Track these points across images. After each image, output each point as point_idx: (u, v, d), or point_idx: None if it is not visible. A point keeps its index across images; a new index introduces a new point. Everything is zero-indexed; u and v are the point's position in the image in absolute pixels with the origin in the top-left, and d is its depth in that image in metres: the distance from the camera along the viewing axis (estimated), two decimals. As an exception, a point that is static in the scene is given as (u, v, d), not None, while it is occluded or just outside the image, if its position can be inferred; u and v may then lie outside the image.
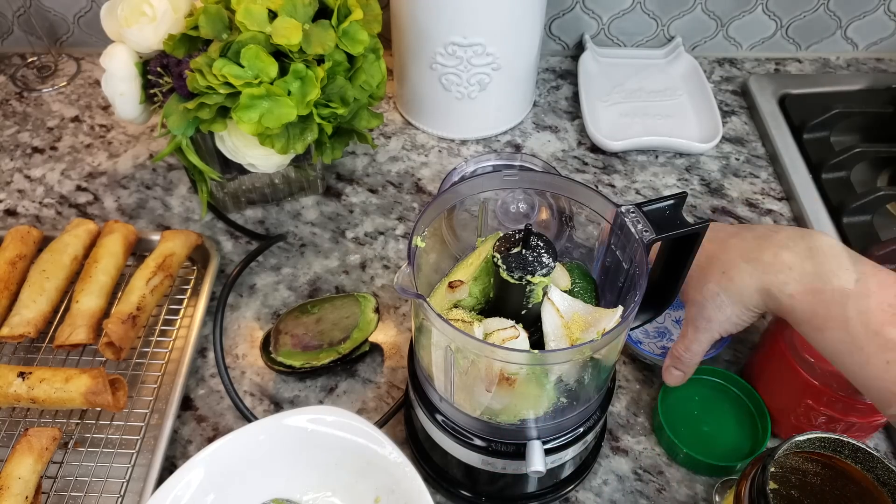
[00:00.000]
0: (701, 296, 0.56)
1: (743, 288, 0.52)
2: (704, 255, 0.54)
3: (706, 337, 0.57)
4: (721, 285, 0.54)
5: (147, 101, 0.71)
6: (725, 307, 0.54)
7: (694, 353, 0.58)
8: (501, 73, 0.84)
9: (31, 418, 0.63)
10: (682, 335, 0.59)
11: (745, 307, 0.53)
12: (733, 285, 0.53)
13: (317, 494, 0.56)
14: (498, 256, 0.47)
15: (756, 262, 0.51)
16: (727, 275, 0.53)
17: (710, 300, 0.55)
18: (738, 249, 0.53)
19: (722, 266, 0.53)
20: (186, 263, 0.75)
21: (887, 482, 0.45)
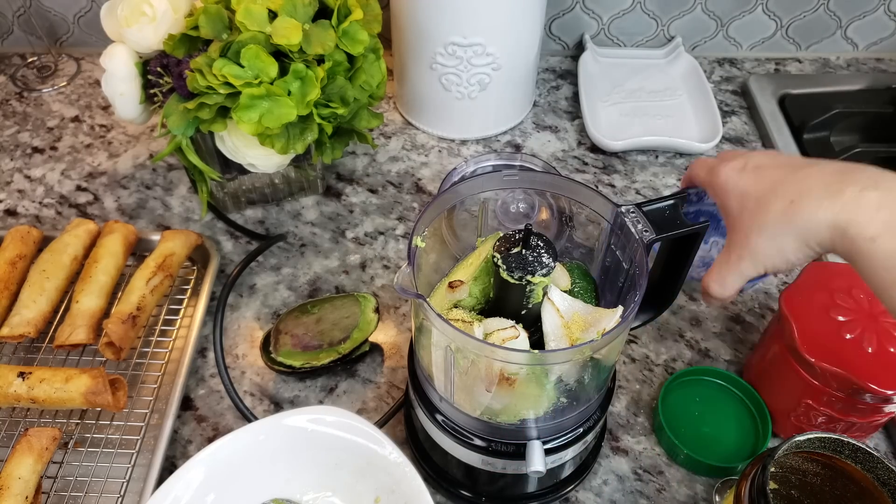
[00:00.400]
0: (755, 222, 0.49)
1: (812, 221, 0.46)
2: (768, 181, 0.48)
3: (749, 268, 0.50)
4: (785, 215, 0.47)
5: (147, 101, 0.71)
6: (782, 239, 0.47)
7: (728, 285, 0.51)
8: (501, 73, 0.84)
9: (31, 418, 0.63)
10: (719, 262, 0.51)
11: (807, 243, 0.47)
12: (800, 217, 0.46)
13: (317, 494, 0.56)
14: (498, 256, 0.47)
15: (836, 195, 0.45)
16: (796, 204, 0.46)
17: (766, 229, 0.48)
18: (815, 179, 0.47)
19: (790, 194, 0.47)
20: (186, 263, 0.75)
21: (887, 482, 0.45)
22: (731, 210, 0.51)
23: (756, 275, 0.50)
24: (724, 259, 0.51)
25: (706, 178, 0.53)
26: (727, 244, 0.52)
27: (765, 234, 0.48)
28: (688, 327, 0.72)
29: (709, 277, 0.52)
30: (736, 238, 0.50)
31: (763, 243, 0.48)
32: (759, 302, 0.74)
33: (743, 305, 0.73)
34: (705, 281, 0.52)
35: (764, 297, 0.74)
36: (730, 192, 0.50)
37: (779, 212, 0.47)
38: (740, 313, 0.73)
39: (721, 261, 0.51)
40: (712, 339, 0.71)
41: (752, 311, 0.73)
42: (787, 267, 0.49)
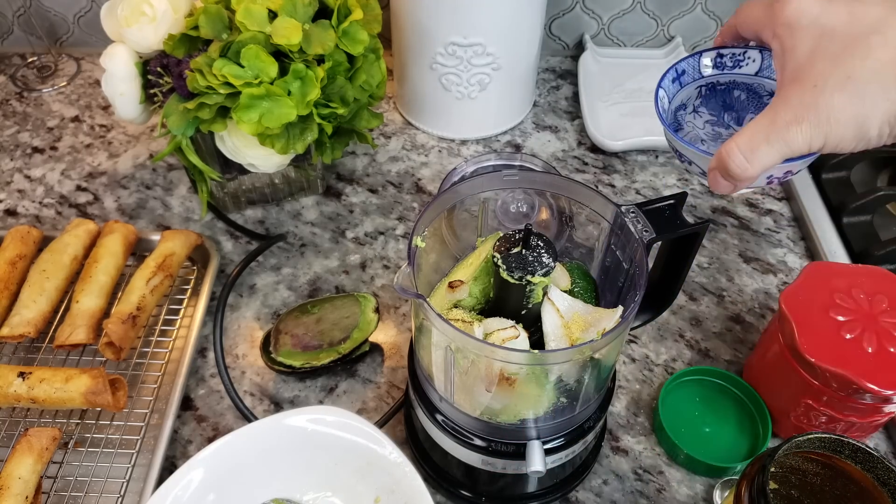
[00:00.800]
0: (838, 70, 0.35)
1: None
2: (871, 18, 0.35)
3: (801, 136, 0.36)
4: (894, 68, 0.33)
5: (147, 101, 0.71)
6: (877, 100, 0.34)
7: (759, 157, 0.37)
8: (501, 73, 0.84)
9: (31, 418, 0.63)
10: (758, 124, 0.38)
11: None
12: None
13: (317, 494, 0.56)
14: (498, 256, 0.47)
15: None
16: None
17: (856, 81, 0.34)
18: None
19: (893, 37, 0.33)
20: (186, 263, 0.75)
21: (887, 482, 0.45)
22: (797, 54, 0.37)
23: (806, 150, 0.36)
24: (766, 120, 0.37)
25: (763, 16, 0.40)
26: (774, 102, 0.37)
27: (851, 88, 0.34)
28: (688, 327, 0.72)
29: (734, 142, 0.38)
30: (794, 92, 0.36)
31: (842, 102, 0.35)
32: (759, 302, 0.74)
33: (743, 305, 0.73)
34: (728, 147, 0.39)
35: (764, 297, 0.74)
36: (803, 29, 0.37)
37: (885, 61, 0.34)
38: (740, 313, 0.73)
39: (761, 122, 0.37)
40: (712, 339, 0.71)
41: (752, 311, 0.73)
42: (853, 145, 0.36)
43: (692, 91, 0.50)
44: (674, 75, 0.50)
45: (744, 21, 0.42)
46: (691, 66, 0.49)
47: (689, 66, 0.49)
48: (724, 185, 0.41)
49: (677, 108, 0.51)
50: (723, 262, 0.77)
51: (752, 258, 0.78)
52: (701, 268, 0.77)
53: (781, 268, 0.77)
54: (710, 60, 0.47)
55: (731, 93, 0.44)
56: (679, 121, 0.52)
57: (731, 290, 0.75)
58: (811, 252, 0.78)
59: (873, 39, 0.34)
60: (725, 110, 0.50)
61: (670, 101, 0.50)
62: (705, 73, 0.49)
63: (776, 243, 0.79)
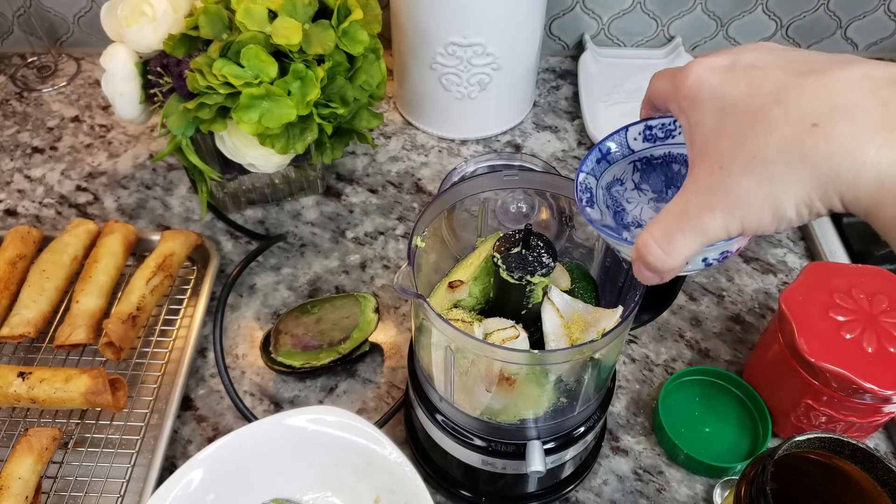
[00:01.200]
0: (742, 150, 0.31)
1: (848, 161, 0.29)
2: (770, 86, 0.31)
3: (716, 224, 0.32)
4: (800, 143, 0.29)
5: (147, 101, 0.71)
6: (785, 181, 0.30)
7: (676, 249, 0.34)
8: (501, 73, 0.84)
9: (31, 418, 0.63)
10: (669, 213, 0.34)
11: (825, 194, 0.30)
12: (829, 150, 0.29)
13: (317, 494, 0.56)
14: (498, 256, 0.47)
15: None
16: (822, 129, 0.29)
17: (762, 162, 0.30)
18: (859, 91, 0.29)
19: (812, 111, 0.30)
20: (186, 263, 0.75)
21: (887, 482, 0.45)
22: (702, 130, 0.33)
23: (725, 237, 0.33)
24: (678, 208, 0.33)
25: (668, 88, 0.35)
26: (685, 185, 0.33)
27: (757, 169, 0.31)
28: (688, 327, 0.72)
29: (649, 233, 0.34)
30: (702, 174, 0.33)
31: (751, 184, 0.31)
32: (759, 302, 0.74)
33: (743, 305, 0.73)
34: (643, 239, 0.35)
35: (764, 297, 0.74)
36: (704, 102, 0.33)
37: (789, 137, 0.30)
38: (740, 313, 0.73)
39: (673, 210, 0.34)
40: (712, 339, 0.71)
41: (752, 311, 0.73)
42: (774, 227, 0.32)
43: (626, 167, 0.44)
44: (598, 156, 0.44)
45: (654, 94, 0.37)
46: (618, 142, 0.44)
47: (615, 144, 0.44)
48: (648, 277, 0.36)
49: (610, 185, 0.45)
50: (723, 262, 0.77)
51: (752, 258, 0.78)
52: (701, 268, 0.77)
53: (781, 268, 0.77)
54: (638, 133, 0.42)
55: (670, 166, 0.40)
56: (618, 199, 0.45)
57: (731, 290, 0.75)
58: (811, 252, 0.78)
59: (774, 113, 0.30)
60: (668, 186, 0.44)
61: (598, 180, 0.44)
62: (635, 147, 0.43)
63: (776, 243, 0.79)
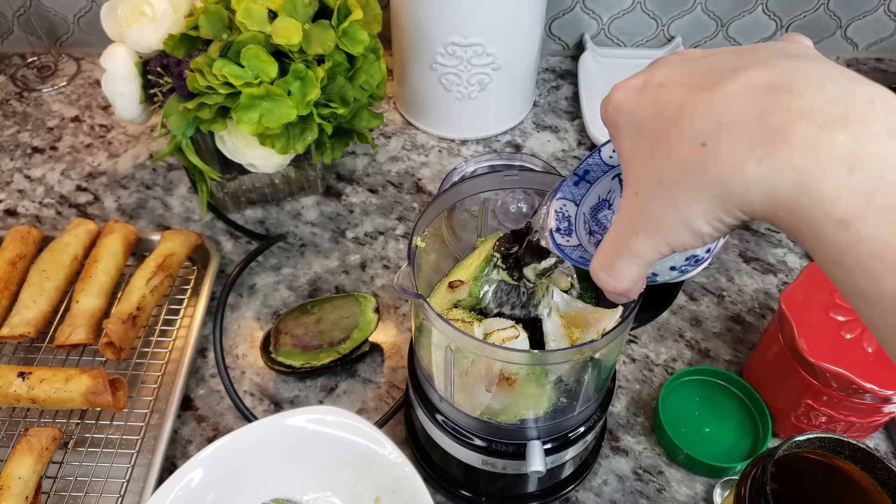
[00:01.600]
0: (650, 174, 0.32)
1: (734, 179, 0.29)
2: (672, 107, 0.31)
3: (646, 247, 0.33)
4: (692, 164, 0.30)
5: (147, 101, 0.71)
6: (688, 202, 0.30)
7: (620, 273, 0.35)
8: (501, 73, 0.84)
9: (31, 418, 0.63)
10: (607, 241, 0.35)
11: (726, 210, 0.30)
12: (716, 170, 0.29)
13: (317, 494, 0.56)
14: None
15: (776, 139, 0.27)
16: (709, 149, 0.29)
17: (665, 186, 0.31)
18: (741, 104, 0.29)
19: (700, 131, 0.29)
20: (186, 263, 0.75)
21: (887, 482, 0.45)
22: (623, 155, 0.34)
23: (658, 256, 0.33)
24: (612, 235, 0.35)
25: (603, 114, 0.36)
26: (617, 213, 0.34)
27: (663, 191, 0.31)
28: (688, 327, 0.72)
29: (595, 261, 0.36)
30: (626, 199, 0.33)
31: (661, 207, 0.31)
32: (759, 302, 0.74)
33: (743, 305, 0.73)
34: (592, 266, 0.36)
35: (764, 297, 0.74)
36: (622, 128, 0.34)
37: (683, 159, 0.30)
38: (740, 313, 0.73)
39: (609, 237, 0.35)
40: (712, 339, 0.71)
41: (752, 311, 0.73)
42: (700, 243, 0.32)
43: (611, 183, 0.43)
44: (575, 179, 0.43)
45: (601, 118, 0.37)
46: (594, 162, 0.43)
47: (592, 164, 0.43)
48: (615, 298, 0.37)
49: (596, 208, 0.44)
50: (723, 262, 0.77)
51: (752, 258, 0.78)
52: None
53: (781, 268, 0.77)
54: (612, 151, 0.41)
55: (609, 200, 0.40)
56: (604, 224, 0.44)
57: (731, 290, 0.75)
58: (811, 252, 0.78)
59: (671, 135, 0.30)
60: None
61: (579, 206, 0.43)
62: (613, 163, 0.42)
63: (776, 243, 0.79)
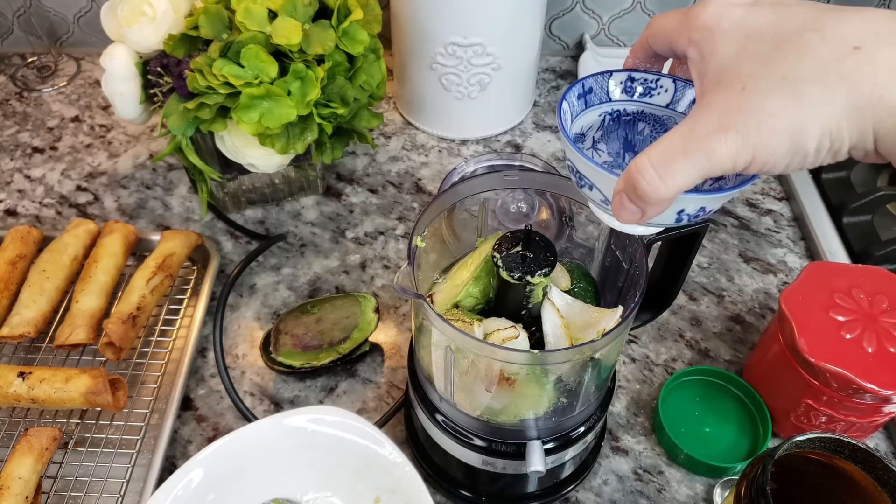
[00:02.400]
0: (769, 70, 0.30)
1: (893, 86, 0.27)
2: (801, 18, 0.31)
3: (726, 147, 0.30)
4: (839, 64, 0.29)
5: (147, 101, 0.71)
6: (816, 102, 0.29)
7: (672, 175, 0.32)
8: (501, 73, 0.84)
9: (31, 418, 0.63)
10: (671, 137, 0.32)
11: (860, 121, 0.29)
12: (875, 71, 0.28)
13: (317, 494, 0.56)
14: (498, 256, 0.47)
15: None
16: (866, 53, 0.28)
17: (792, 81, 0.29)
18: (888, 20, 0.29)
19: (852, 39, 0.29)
20: (186, 263, 0.75)
21: (887, 482, 0.45)
22: (719, 57, 0.32)
23: (730, 166, 0.31)
24: (685, 129, 0.31)
25: (677, 23, 0.35)
26: (694, 111, 0.32)
27: (787, 89, 0.29)
28: (688, 327, 0.72)
29: (646, 155, 0.32)
30: (718, 97, 0.31)
31: (777, 105, 0.29)
32: (759, 302, 0.74)
33: (743, 305, 0.73)
34: (639, 161, 0.32)
35: (764, 297, 0.74)
36: (724, 32, 0.32)
37: (826, 60, 0.29)
38: (740, 313, 0.73)
39: (679, 131, 0.32)
40: (712, 339, 0.71)
41: (752, 311, 0.73)
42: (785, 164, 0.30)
43: (595, 118, 0.43)
44: (580, 91, 0.42)
45: (656, 32, 0.36)
46: (599, 85, 0.42)
47: (596, 85, 0.42)
48: (630, 212, 0.34)
49: (575, 138, 0.43)
50: (723, 262, 0.77)
51: (752, 258, 0.78)
52: (701, 268, 0.77)
53: (781, 268, 0.77)
54: (618, 83, 0.40)
55: (636, 125, 0.38)
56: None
57: (731, 290, 0.75)
58: (811, 252, 0.78)
59: (809, 37, 0.30)
60: (626, 150, 0.43)
61: (573, 119, 0.42)
62: (613, 96, 0.42)
63: (776, 243, 0.79)
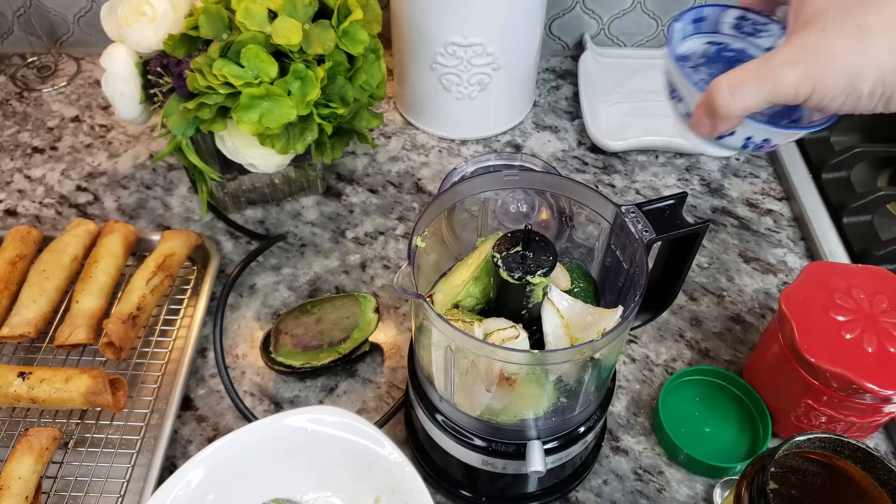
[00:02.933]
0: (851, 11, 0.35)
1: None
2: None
3: (793, 77, 0.36)
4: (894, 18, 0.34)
5: (147, 101, 0.71)
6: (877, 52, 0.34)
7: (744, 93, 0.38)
8: (501, 73, 0.84)
9: (31, 418, 0.63)
10: (751, 63, 0.38)
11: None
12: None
13: (317, 494, 0.56)
14: (498, 256, 0.47)
15: None
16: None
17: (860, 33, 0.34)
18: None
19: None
20: (186, 263, 0.75)
21: (887, 482, 0.45)
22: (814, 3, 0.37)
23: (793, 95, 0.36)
24: (762, 60, 0.38)
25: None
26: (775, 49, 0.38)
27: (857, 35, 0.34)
28: (688, 327, 0.72)
29: (725, 76, 0.39)
30: (800, 36, 0.37)
31: (844, 47, 0.35)
32: (759, 302, 0.74)
33: (743, 305, 0.73)
34: (718, 80, 0.39)
35: (764, 297, 0.74)
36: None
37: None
38: (740, 313, 0.73)
39: (755, 61, 0.38)
40: (712, 339, 0.71)
41: (752, 311, 0.73)
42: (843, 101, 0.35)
43: (702, 46, 0.49)
44: (695, 16, 0.49)
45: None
46: (713, 15, 0.49)
47: (710, 14, 0.49)
48: (703, 125, 0.41)
49: (679, 58, 0.50)
50: (723, 262, 0.77)
51: (752, 258, 0.78)
52: (701, 268, 0.77)
53: (781, 268, 0.77)
54: (732, 19, 0.46)
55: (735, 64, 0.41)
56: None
57: (731, 290, 0.75)
58: (811, 252, 0.78)
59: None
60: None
61: (682, 40, 0.49)
62: (723, 29, 0.49)
63: (776, 243, 0.79)
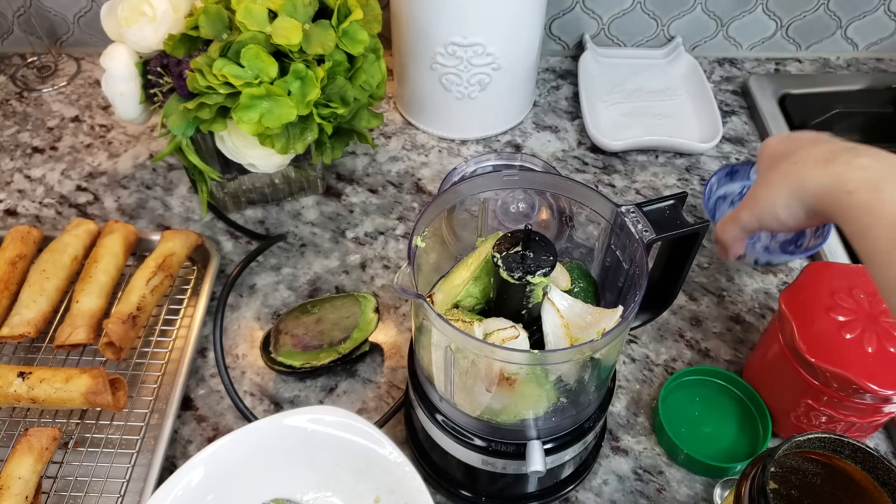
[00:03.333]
0: (764, 177, 0.55)
1: (804, 179, 0.51)
2: (791, 146, 0.54)
3: (747, 217, 0.56)
4: (786, 171, 0.52)
5: (147, 101, 0.71)
6: (777, 192, 0.53)
7: (728, 231, 0.58)
8: (501, 73, 0.84)
9: (31, 418, 0.63)
10: (730, 213, 0.59)
11: (797, 198, 0.51)
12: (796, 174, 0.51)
13: (317, 494, 0.56)
14: (498, 256, 0.47)
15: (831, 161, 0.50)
16: (796, 164, 0.52)
17: (769, 182, 0.54)
18: (823, 149, 0.52)
19: (797, 157, 0.52)
20: (186, 263, 0.75)
21: (887, 482, 0.45)
22: (760, 169, 0.58)
23: (751, 225, 0.56)
24: (734, 209, 0.58)
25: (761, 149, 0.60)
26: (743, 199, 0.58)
27: (766, 186, 0.54)
28: (688, 327, 0.72)
29: (718, 223, 0.60)
30: (749, 191, 0.58)
31: (762, 193, 0.54)
32: (759, 302, 0.74)
33: (743, 305, 0.73)
34: (717, 225, 0.60)
35: (764, 297, 0.74)
36: (763, 154, 0.57)
37: (782, 169, 0.53)
38: (740, 313, 0.73)
39: (732, 211, 0.59)
40: (712, 339, 0.71)
41: (752, 311, 0.73)
42: (776, 223, 0.54)
43: (737, 188, 0.76)
44: (728, 170, 0.75)
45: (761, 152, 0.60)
46: (744, 171, 0.75)
47: (742, 169, 0.75)
48: (721, 249, 0.61)
49: (719, 198, 0.76)
50: (723, 262, 0.77)
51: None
52: (701, 268, 0.77)
53: (781, 268, 0.77)
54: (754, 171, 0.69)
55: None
56: (716, 208, 0.76)
57: (731, 290, 0.75)
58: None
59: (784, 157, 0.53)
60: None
61: (719, 186, 0.76)
62: (751, 178, 0.75)
63: (776, 243, 0.79)
